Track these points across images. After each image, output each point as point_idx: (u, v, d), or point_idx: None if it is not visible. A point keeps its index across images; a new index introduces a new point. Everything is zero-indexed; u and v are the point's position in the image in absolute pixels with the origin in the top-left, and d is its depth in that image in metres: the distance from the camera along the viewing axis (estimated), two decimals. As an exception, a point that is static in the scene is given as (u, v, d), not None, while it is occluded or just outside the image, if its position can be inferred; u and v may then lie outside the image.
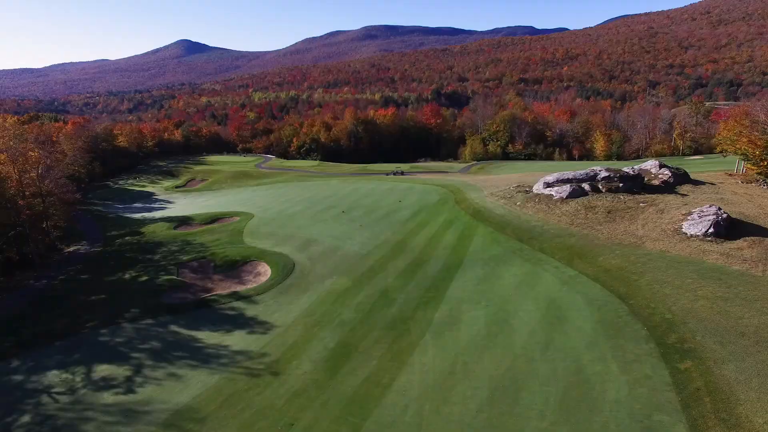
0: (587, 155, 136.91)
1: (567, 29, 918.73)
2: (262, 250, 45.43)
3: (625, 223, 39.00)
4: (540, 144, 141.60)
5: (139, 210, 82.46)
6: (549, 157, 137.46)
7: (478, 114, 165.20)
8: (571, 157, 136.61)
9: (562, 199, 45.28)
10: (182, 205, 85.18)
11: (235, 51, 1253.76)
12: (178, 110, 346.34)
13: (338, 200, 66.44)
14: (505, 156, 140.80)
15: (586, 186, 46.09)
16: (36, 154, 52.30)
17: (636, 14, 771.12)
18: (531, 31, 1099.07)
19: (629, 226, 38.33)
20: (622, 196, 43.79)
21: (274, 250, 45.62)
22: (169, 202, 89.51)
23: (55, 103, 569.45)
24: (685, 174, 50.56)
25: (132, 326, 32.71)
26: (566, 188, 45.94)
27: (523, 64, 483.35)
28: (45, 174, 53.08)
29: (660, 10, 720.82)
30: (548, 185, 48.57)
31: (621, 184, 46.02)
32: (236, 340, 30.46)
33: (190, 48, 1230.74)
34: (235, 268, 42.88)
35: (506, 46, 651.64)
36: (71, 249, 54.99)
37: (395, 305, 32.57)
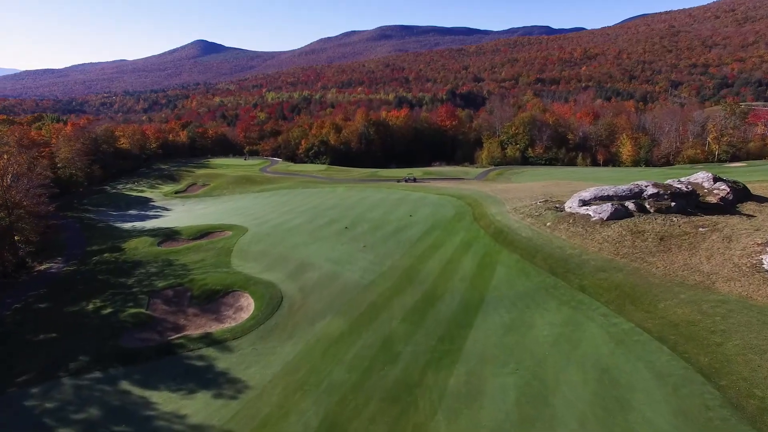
0: (612, 160, 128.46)
1: (584, 29, 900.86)
2: (248, 278, 38.99)
3: (684, 255, 31.68)
4: (561, 148, 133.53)
5: (132, 219, 76.94)
6: (571, 163, 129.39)
7: (496, 115, 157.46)
8: (595, 163, 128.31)
9: (602, 221, 38.03)
10: (178, 213, 79.55)
11: (251, 51, 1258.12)
12: (190, 110, 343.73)
13: (342, 212, 59.91)
14: (525, 160, 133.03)
15: (630, 205, 38.79)
16: (2, 161, 46.63)
17: (656, 13, 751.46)
18: (547, 30, 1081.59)
19: (690, 259, 31.01)
20: (675, 218, 36.40)
21: (262, 277, 39.16)
22: (166, 210, 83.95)
23: (73, 102, 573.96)
24: (746, 189, 43.05)
25: (72, 383, 26.46)
26: (606, 207, 38.68)
27: (540, 63, 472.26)
28: (13, 183, 47.43)
29: (682, 8, 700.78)
30: (584, 203, 41.34)
31: (672, 203, 38.68)
32: (198, 407, 24.00)
33: (206, 48, 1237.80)
34: (214, 300, 36.52)
35: (522, 46, 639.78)
36: (43, 267, 49.30)
37: (400, 362, 25.83)
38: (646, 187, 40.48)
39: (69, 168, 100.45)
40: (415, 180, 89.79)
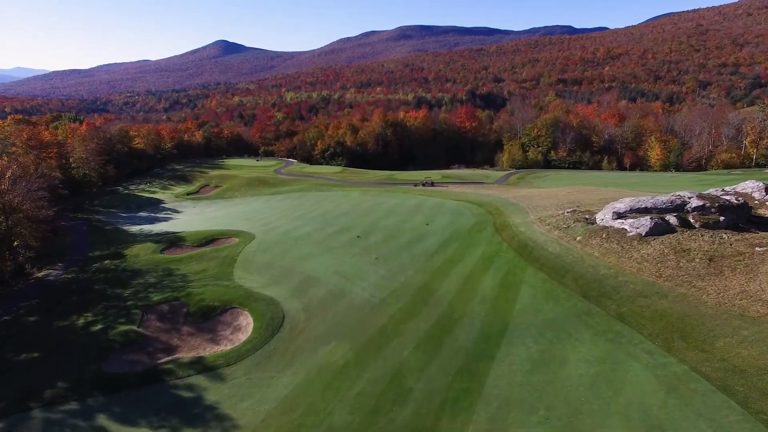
0: (639, 164, 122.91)
1: (607, 28, 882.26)
2: (249, 293, 36.03)
3: (739, 279, 27.57)
4: (586, 151, 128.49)
5: (141, 221, 75.22)
6: (596, 166, 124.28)
7: (517, 117, 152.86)
8: (621, 167, 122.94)
9: (639, 237, 34.01)
10: (188, 216, 77.62)
11: (271, 51, 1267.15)
12: (209, 110, 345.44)
13: (355, 219, 56.77)
14: (547, 164, 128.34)
15: (671, 219, 34.67)
16: (1, 162, 44.70)
17: (683, 11, 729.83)
18: (569, 30, 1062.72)
19: (748, 285, 26.91)
20: (725, 235, 32.20)
21: (264, 292, 36.16)
22: (176, 212, 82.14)
23: (98, 102, 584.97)
24: (802, 202, 38.35)
25: (44, 416, 23.76)
26: (645, 221, 34.64)
27: (562, 64, 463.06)
28: (11, 186, 45.48)
29: (711, 5, 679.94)
30: (619, 215, 37.32)
31: (721, 218, 34.43)
32: (179, 450, 21.05)
33: (227, 48, 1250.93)
34: (210, 317, 33.64)
35: (544, 46, 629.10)
36: (42, 274, 47.30)
37: (411, 401, 22.46)
38: (689, 198, 36.29)
39: (82, 168, 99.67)
40: (432, 184, 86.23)
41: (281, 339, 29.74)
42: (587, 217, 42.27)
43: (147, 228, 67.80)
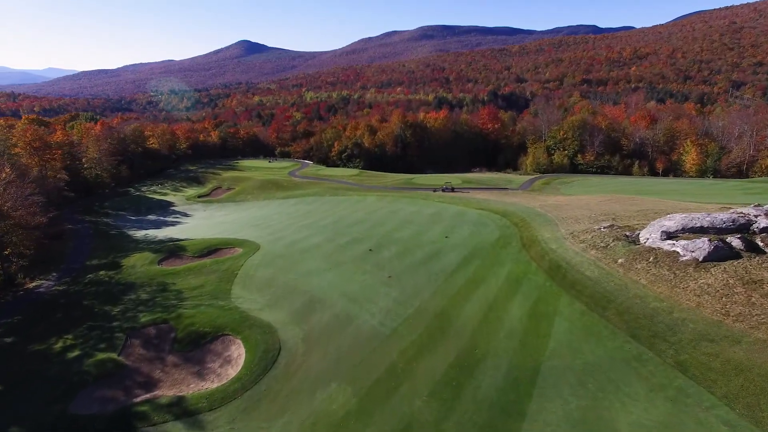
0: (673, 169, 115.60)
1: (633, 28, 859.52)
2: (244, 317, 32.13)
3: (829, 322, 22.44)
4: (615, 155, 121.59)
5: (148, 225, 72.53)
6: (626, 171, 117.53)
7: (542, 118, 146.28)
8: (653, 172, 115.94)
9: (696, 263, 28.96)
10: (196, 220, 74.69)
11: (293, 51, 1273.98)
12: (229, 109, 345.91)
13: (369, 229, 52.60)
14: (573, 168, 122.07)
15: (734, 241, 29.51)
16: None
17: (715, 9, 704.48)
18: (594, 30, 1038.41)
19: (841, 330, 21.77)
20: (803, 264, 26.95)
21: (262, 316, 32.23)
22: (185, 216, 79.32)
23: (122, 101, 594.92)
24: None
25: (-12, 475, 20.25)
26: (702, 244, 29.55)
27: (587, 64, 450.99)
28: (2, 191, 42.63)
29: (744, 2, 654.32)
30: (669, 236, 32.25)
31: (795, 241, 29.11)
32: None
33: (250, 48, 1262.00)
34: (199, 346, 29.85)
35: (568, 46, 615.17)
36: (33, 284, 44.40)
37: (422, 474, 18.15)
38: (755, 216, 31.05)
39: (95, 169, 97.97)
40: (453, 190, 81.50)
41: (275, 377, 25.70)
42: (628, 234, 37.20)
43: (152, 233, 64.90)
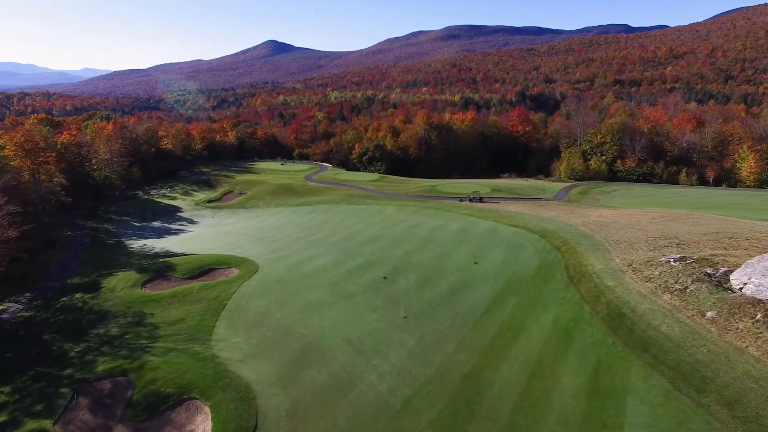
0: (726, 178, 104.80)
1: (667, 26, 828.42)
2: (220, 374, 25.43)
3: None
4: (659, 161, 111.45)
5: (150, 233, 67.27)
6: (671, 179, 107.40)
7: (576, 121, 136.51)
8: (703, 181, 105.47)
9: (830, 327, 20.86)
10: (201, 228, 69.09)
11: (319, 51, 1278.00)
12: (252, 108, 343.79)
13: (385, 249, 45.51)
14: (612, 175, 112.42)
15: None
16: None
17: (758, 4, 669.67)
18: (626, 29, 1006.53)
19: None
20: None
21: (242, 373, 25.46)
22: (191, 223, 73.87)
23: (151, 100, 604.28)
24: None
25: None
26: (835, 299, 21.42)
27: (619, 63, 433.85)
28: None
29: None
30: (781, 283, 24.15)
31: None
32: None
33: (277, 48, 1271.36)
34: (157, 412, 23.29)
35: (598, 45, 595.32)
36: (1, 307, 38.95)
37: None
38: None
39: (104, 170, 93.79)
40: (481, 200, 73.79)
41: (242, 477, 18.89)
42: (709, 272, 29.12)
43: (150, 244, 59.40)
